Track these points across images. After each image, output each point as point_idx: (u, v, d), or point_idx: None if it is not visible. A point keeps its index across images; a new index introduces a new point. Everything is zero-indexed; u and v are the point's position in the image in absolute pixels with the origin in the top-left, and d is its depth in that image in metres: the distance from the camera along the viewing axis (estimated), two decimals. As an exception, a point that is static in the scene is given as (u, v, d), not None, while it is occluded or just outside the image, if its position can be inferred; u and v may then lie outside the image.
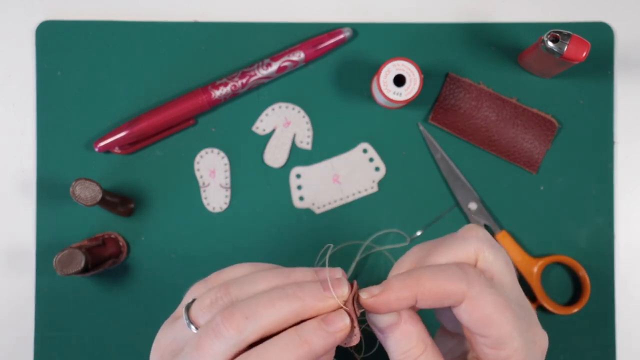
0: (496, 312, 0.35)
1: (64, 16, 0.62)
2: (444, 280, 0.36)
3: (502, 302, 0.36)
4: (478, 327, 0.36)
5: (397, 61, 0.57)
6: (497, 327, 0.35)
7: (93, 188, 0.53)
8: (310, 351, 0.35)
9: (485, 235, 0.38)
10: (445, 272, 0.36)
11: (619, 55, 0.62)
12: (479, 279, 0.36)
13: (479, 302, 0.35)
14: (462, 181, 0.61)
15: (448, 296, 0.36)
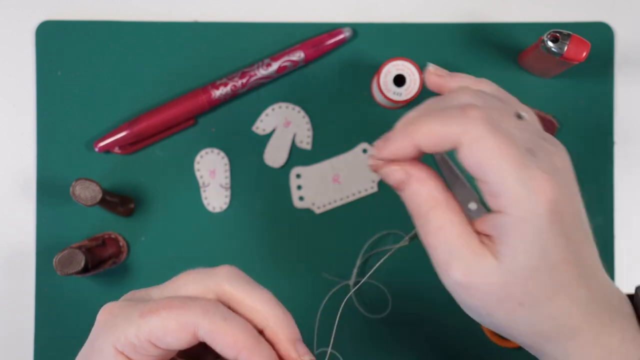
0: (492, 158, 0.35)
1: (64, 16, 0.62)
2: (438, 125, 0.36)
3: (500, 148, 0.35)
4: (474, 171, 0.36)
5: (397, 61, 0.57)
6: (490, 174, 0.35)
7: (93, 188, 0.53)
8: None
9: (476, 116, 0.36)
10: (442, 116, 0.36)
11: (619, 55, 0.62)
12: (477, 124, 0.35)
13: (474, 148, 0.35)
14: (462, 181, 0.61)
15: (445, 139, 0.36)
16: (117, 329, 0.35)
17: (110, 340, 0.36)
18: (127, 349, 0.35)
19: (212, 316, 0.34)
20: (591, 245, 0.40)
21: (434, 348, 0.61)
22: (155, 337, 0.34)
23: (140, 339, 0.35)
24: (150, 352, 0.35)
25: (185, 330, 0.34)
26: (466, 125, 0.35)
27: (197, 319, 0.34)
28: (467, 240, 0.37)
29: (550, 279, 0.37)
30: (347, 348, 0.60)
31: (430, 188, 0.38)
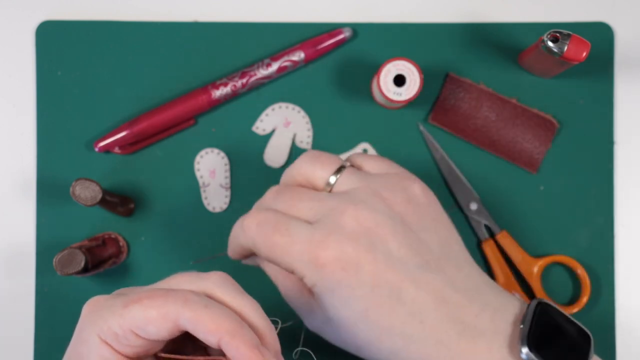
0: (266, 253, 0.39)
1: (64, 16, 0.62)
2: (235, 247, 0.42)
3: (268, 239, 0.39)
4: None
5: (397, 61, 0.57)
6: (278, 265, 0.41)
7: (93, 188, 0.53)
8: None
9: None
10: (233, 240, 0.41)
11: (619, 55, 0.62)
12: (253, 228, 0.40)
13: (258, 253, 0.40)
14: (462, 181, 0.61)
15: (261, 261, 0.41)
16: (101, 319, 0.36)
17: (94, 330, 0.36)
18: (111, 339, 0.36)
19: (193, 304, 0.35)
20: (427, 270, 0.41)
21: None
22: (137, 326, 0.35)
23: (123, 328, 0.35)
24: (133, 343, 0.36)
25: (166, 319, 0.35)
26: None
27: (178, 307, 0.34)
28: (301, 298, 0.42)
29: (367, 326, 0.39)
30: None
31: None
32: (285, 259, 0.42)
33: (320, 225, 0.42)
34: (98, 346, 0.36)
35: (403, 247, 0.42)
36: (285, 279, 0.46)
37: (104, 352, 0.36)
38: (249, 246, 0.44)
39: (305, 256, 0.40)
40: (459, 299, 0.42)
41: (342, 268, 0.40)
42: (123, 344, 0.36)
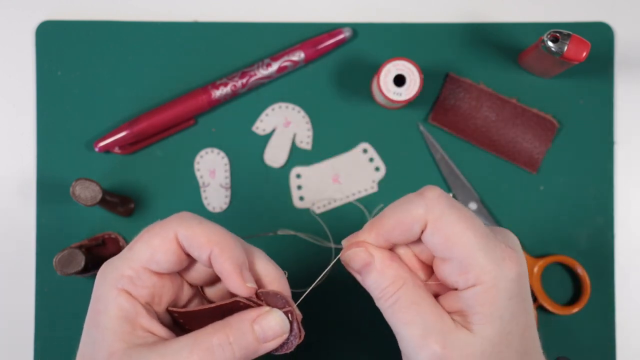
0: (458, 232, 0.36)
1: (64, 16, 0.62)
2: (402, 212, 0.37)
3: (464, 222, 0.36)
4: (442, 250, 0.36)
5: (397, 61, 0.57)
6: (459, 247, 0.36)
7: (93, 188, 0.53)
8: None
9: (434, 195, 0.37)
10: (403, 204, 0.37)
11: (619, 55, 0.62)
12: (439, 201, 0.36)
13: (440, 224, 0.36)
14: (462, 181, 0.61)
15: (411, 225, 0.36)
16: (113, 269, 0.38)
17: (109, 282, 0.37)
18: (126, 284, 0.37)
19: (188, 221, 0.37)
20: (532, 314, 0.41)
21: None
22: (146, 260, 0.37)
23: (134, 267, 0.37)
24: (147, 282, 0.38)
25: (168, 241, 0.37)
26: (427, 206, 0.36)
27: (175, 226, 0.37)
28: (440, 315, 0.37)
29: (520, 343, 0.38)
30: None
31: (396, 267, 0.38)
32: (477, 242, 0.37)
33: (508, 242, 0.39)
34: (115, 297, 0.37)
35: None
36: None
37: (121, 301, 0.37)
38: (419, 215, 0.37)
39: (497, 252, 0.37)
40: None
41: (524, 276, 0.38)
42: (138, 285, 0.37)
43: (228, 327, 0.36)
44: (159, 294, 0.39)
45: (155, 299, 0.39)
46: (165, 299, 0.39)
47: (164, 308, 0.40)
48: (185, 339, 0.36)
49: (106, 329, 0.37)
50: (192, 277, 0.41)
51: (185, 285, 0.41)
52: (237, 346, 0.36)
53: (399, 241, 0.38)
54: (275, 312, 0.37)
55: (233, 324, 0.36)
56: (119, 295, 0.37)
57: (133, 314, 0.37)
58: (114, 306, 0.37)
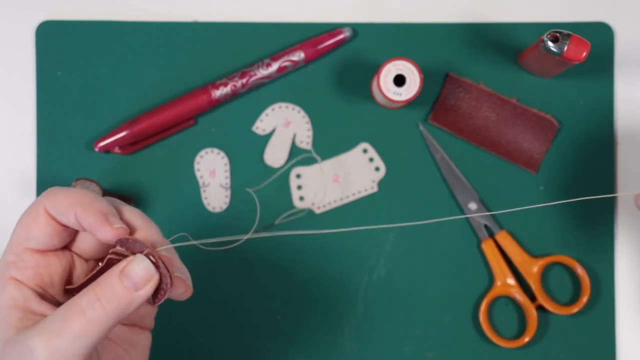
0: None
1: (64, 16, 0.62)
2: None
3: None
4: None
5: (397, 61, 0.57)
6: None
7: (93, 188, 0.53)
8: (110, 318, 0.36)
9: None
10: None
11: (619, 55, 0.62)
12: None
13: None
14: (462, 181, 0.61)
15: None
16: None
17: (2, 278, 0.38)
18: (12, 270, 0.38)
19: (53, 192, 0.38)
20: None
21: (430, 346, 0.61)
22: (24, 239, 0.38)
23: (15, 251, 0.38)
24: (29, 262, 0.38)
25: (39, 216, 0.38)
26: None
27: (42, 200, 0.38)
28: None
29: None
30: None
31: None
32: None
33: None
34: (3, 287, 0.38)
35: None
36: None
37: (9, 290, 0.38)
38: None
39: None
40: None
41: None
42: (22, 268, 0.38)
43: (96, 285, 0.36)
44: (48, 273, 0.39)
45: (46, 279, 0.39)
46: (58, 279, 0.39)
47: (60, 289, 0.39)
48: (60, 308, 0.36)
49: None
50: (82, 250, 0.41)
51: (78, 261, 0.41)
52: (106, 301, 0.36)
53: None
54: (137, 257, 0.37)
55: (101, 281, 0.36)
56: (6, 285, 0.37)
57: (22, 301, 0.37)
58: (3, 297, 0.37)
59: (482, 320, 0.60)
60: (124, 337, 0.42)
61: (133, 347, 0.42)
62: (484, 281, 0.61)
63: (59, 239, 0.39)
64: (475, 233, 0.61)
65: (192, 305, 0.48)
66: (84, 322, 0.35)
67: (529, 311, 0.60)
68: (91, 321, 0.35)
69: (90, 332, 0.35)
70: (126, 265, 0.37)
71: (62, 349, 0.35)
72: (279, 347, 0.60)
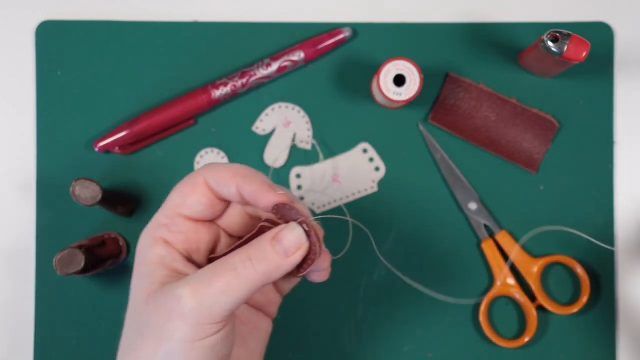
0: None
1: (64, 16, 0.62)
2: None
3: None
4: None
5: (397, 61, 0.57)
6: None
7: (93, 188, 0.53)
8: (258, 278, 0.37)
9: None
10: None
11: (619, 55, 0.62)
12: None
13: None
14: (462, 181, 0.61)
15: None
16: (150, 224, 0.41)
17: (147, 235, 0.41)
18: (163, 232, 0.40)
19: (214, 166, 0.40)
20: None
21: (429, 346, 0.61)
22: (179, 205, 0.40)
23: (168, 215, 0.40)
24: (181, 227, 0.40)
25: (197, 185, 0.40)
26: None
27: (203, 171, 0.40)
28: None
29: None
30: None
31: None
32: None
33: None
34: (152, 245, 0.40)
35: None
36: None
37: (158, 249, 0.39)
38: None
39: None
40: None
41: None
42: (173, 231, 0.40)
43: (249, 247, 0.38)
44: (196, 240, 0.40)
45: (193, 246, 0.40)
46: (204, 248, 0.41)
47: (204, 258, 0.41)
48: (211, 265, 0.38)
49: (145, 274, 0.39)
50: (227, 225, 0.43)
51: (223, 236, 0.43)
52: (256, 261, 0.37)
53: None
54: (291, 224, 0.38)
55: (253, 244, 0.38)
56: (156, 243, 0.40)
57: (169, 260, 0.39)
58: (152, 254, 0.39)
59: (482, 320, 0.60)
60: (250, 318, 0.44)
61: (257, 329, 0.44)
62: (484, 281, 0.61)
63: (212, 211, 0.41)
64: (475, 233, 0.61)
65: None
66: (234, 277, 0.36)
67: (529, 311, 0.60)
68: (241, 278, 0.36)
69: (238, 288, 0.36)
70: (279, 231, 0.38)
71: (209, 301, 0.36)
72: (279, 348, 0.60)
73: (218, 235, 0.43)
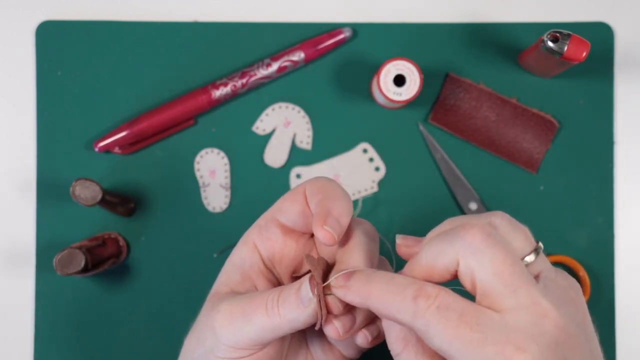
0: (446, 345, 0.33)
1: (64, 16, 0.62)
2: (391, 308, 0.34)
3: (452, 333, 0.32)
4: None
5: (397, 61, 0.57)
6: (454, 357, 0.33)
7: (93, 188, 0.53)
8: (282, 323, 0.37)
9: (473, 238, 0.34)
10: (395, 298, 0.34)
11: (619, 55, 0.62)
12: (427, 310, 0.33)
13: (426, 336, 0.33)
14: (462, 181, 0.61)
15: (397, 322, 0.34)
16: (253, 225, 0.42)
17: (246, 235, 0.41)
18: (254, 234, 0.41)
19: (317, 180, 0.40)
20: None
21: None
22: (277, 209, 0.41)
23: (266, 217, 0.41)
24: (272, 234, 0.41)
25: (296, 195, 0.40)
26: (414, 315, 0.34)
27: (306, 182, 0.40)
28: None
29: None
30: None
31: (399, 327, 0.37)
32: (468, 353, 0.33)
33: (516, 319, 0.34)
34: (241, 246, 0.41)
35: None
36: None
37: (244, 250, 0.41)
38: (404, 321, 0.34)
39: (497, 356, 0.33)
40: None
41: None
42: (264, 236, 0.41)
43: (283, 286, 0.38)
44: (280, 252, 0.41)
45: (277, 256, 0.41)
46: (287, 261, 0.41)
47: (285, 270, 0.41)
48: (256, 292, 0.38)
49: (224, 272, 0.41)
50: (321, 249, 0.41)
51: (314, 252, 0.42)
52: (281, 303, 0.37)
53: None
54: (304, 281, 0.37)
55: (287, 285, 0.38)
56: (244, 244, 0.41)
57: (248, 265, 0.40)
58: (237, 254, 0.41)
59: (482, 320, 0.60)
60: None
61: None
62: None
63: (303, 222, 0.40)
64: (475, 233, 0.61)
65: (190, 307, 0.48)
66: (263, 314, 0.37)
67: (529, 311, 0.60)
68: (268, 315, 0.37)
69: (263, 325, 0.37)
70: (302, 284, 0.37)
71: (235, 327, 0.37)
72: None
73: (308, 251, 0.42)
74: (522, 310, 0.33)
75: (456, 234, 0.35)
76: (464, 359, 0.32)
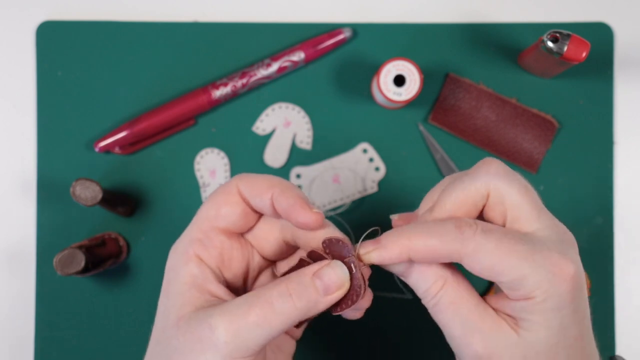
0: (499, 261, 0.35)
1: (64, 16, 0.62)
2: (436, 242, 0.36)
3: (503, 249, 0.35)
4: (486, 276, 0.35)
5: (397, 61, 0.57)
6: (503, 275, 0.35)
7: (93, 188, 0.53)
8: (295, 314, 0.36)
9: (497, 169, 0.38)
10: (438, 233, 0.36)
11: (619, 55, 0.62)
12: (474, 234, 0.35)
13: (478, 257, 0.35)
14: (462, 181, 0.61)
15: (443, 256, 0.36)
16: (183, 238, 0.40)
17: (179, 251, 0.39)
18: (197, 247, 0.39)
19: (248, 175, 0.39)
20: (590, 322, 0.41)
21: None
22: (213, 217, 0.39)
23: (202, 229, 0.39)
24: (215, 241, 0.39)
25: (231, 195, 0.39)
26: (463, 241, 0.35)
27: (236, 181, 0.39)
28: (482, 314, 0.37)
29: (567, 354, 0.37)
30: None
31: (436, 267, 0.37)
32: (520, 263, 0.35)
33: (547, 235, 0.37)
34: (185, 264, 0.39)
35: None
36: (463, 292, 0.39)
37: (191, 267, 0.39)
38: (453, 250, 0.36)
39: (547, 266, 0.35)
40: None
41: (578, 287, 0.37)
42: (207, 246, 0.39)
43: (288, 280, 0.36)
44: (229, 256, 0.40)
45: (225, 262, 0.39)
46: (236, 265, 0.40)
47: (235, 274, 0.40)
48: (247, 295, 0.36)
49: (176, 294, 0.38)
50: (263, 248, 0.41)
51: (255, 254, 0.42)
52: (296, 297, 0.36)
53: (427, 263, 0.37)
54: (335, 263, 0.37)
55: (293, 278, 0.36)
56: (189, 261, 0.38)
57: (201, 280, 0.38)
58: (184, 273, 0.38)
59: (482, 320, 0.60)
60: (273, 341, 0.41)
61: (280, 351, 0.43)
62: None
63: (245, 222, 0.40)
64: (475, 233, 0.61)
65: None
66: (270, 311, 0.35)
67: (529, 311, 0.60)
68: (277, 312, 0.35)
69: (273, 322, 0.35)
70: (321, 267, 0.36)
71: (243, 335, 0.35)
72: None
73: (251, 254, 0.42)
74: (547, 229, 0.37)
75: (479, 170, 0.38)
76: (515, 270, 0.35)
